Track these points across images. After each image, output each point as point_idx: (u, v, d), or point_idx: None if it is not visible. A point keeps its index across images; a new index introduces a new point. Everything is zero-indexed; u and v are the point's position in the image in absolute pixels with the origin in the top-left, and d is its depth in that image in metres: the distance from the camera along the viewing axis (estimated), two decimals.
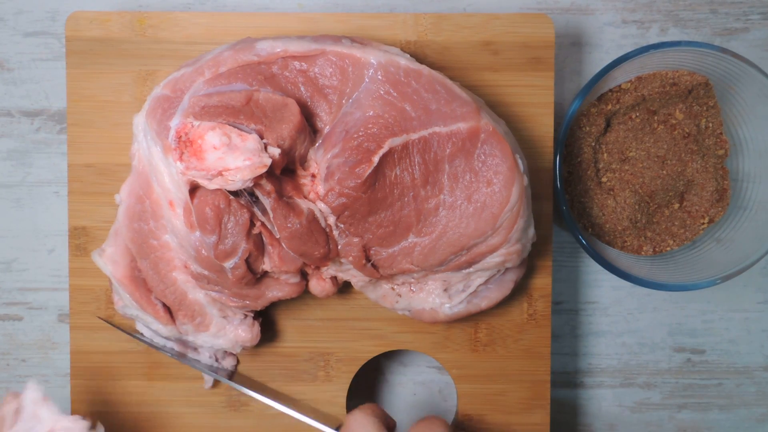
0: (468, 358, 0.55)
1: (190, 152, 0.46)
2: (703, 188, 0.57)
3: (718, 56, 0.53)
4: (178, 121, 0.47)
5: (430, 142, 0.47)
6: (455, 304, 0.51)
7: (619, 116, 0.57)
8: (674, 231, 0.58)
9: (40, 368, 0.60)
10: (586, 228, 0.58)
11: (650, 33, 0.59)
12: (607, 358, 0.61)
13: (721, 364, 0.61)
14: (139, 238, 0.50)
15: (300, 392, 0.55)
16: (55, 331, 0.60)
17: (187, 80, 0.47)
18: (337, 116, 0.48)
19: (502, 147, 0.47)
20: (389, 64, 0.47)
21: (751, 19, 0.59)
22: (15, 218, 0.59)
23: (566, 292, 0.60)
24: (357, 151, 0.47)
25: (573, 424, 0.61)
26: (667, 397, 0.61)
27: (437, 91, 0.47)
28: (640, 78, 0.56)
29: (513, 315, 0.55)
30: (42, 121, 0.59)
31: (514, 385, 0.55)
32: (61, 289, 0.59)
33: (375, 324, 0.55)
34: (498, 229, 0.48)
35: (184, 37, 0.53)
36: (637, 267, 0.56)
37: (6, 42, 0.58)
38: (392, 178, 0.48)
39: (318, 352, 0.55)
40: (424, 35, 0.53)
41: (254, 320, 0.52)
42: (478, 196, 0.48)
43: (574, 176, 0.57)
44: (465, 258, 0.49)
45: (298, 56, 0.47)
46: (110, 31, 0.53)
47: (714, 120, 0.57)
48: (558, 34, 0.58)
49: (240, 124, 0.46)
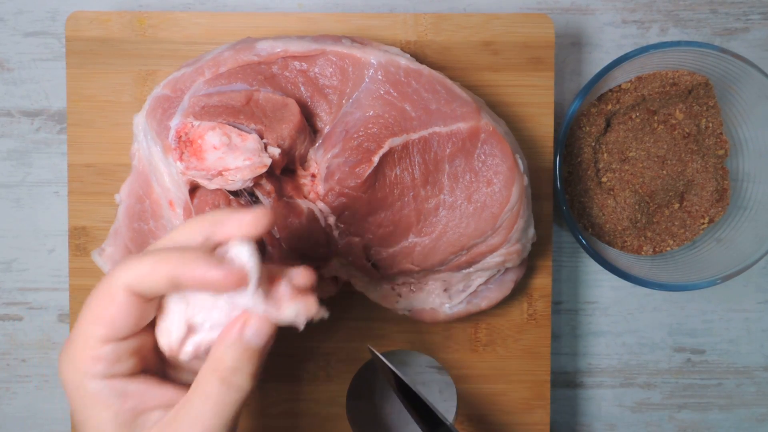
0: (468, 358, 0.55)
1: (190, 152, 0.46)
2: (703, 188, 0.57)
3: (718, 56, 0.53)
4: (178, 121, 0.47)
5: (430, 142, 0.47)
6: (455, 304, 0.51)
7: (619, 116, 0.57)
8: (674, 231, 0.58)
9: (40, 368, 0.60)
10: (586, 228, 0.58)
11: (650, 33, 0.59)
12: (607, 358, 0.61)
13: (721, 364, 0.61)
14: (139, 237, 0.50)
15: (300, 392, 0.55)
16: (55, 331, 0.60)
17: (187, 80, 0.47)
18: (337, 116, 0.48)
19: (502, 147, 0.47)
20: (389, 64, 0.47)
21: (751, 19, 0.59)
22: (15, 218, 0.59)
23: (566, 292, 0.60)
24: (357, 151, 0.47)
25: (573, 424, 0.61)
26: (667, 397, 0.61)
27: (437, 91, 0.47)
28: (640, 78, 0.56)
29: (513, 315, 0.55)
30: (42, 121, 0.59)
31: (514, 385, 0.55)
32: (61, 289, 0.59)
33: (375, 324, 0.55)
34: (498, 229, 0.48)
35: (184, 37, 0.53)
36: (637, 267, 0.56)
37: (6, 42, 0.58)
38: (392, 178, 0.48)
39: (318, 352, 0.55)
40: (424, 35, 0.53)
41: None
42: (478, 196, 0.48)
43: (574, 176, 0.57)
44: (465, 258, 0.49)
45: (299, 56, 0.47)
46: (110, 31, 0.53)
47: (714, 120, 0.57)
48: (558, 34, 0.58)
49: (240, 124, 0.46)
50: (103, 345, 0.34)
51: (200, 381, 0.35)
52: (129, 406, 0.35)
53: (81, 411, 0.35)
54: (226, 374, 0.34)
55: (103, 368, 0.34)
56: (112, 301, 0.34)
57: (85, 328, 0.34)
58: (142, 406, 0.35)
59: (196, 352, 0.36)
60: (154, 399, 0.35)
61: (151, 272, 0.34)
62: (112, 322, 0.34)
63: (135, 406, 0.35)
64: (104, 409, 0.34)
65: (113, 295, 0.34)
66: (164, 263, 0.34)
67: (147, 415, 0.35)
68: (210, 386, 0.34)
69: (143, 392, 0.35)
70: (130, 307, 0.34)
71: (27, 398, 0.60)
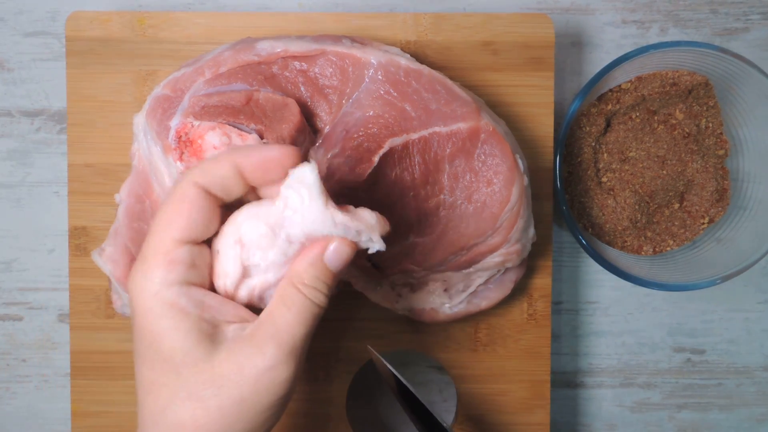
0: (468, 358, 0.55)
1: (190, 152, 0.46)
2: (703, 188, 0.57)
3: (718, 56, 0.53)
4: (178, 121, 0.47)
5: (431, 142, 0.47)
6: (455, 304, 0.51)
7: (619, 116, 0.57)
8: (674, 231, 0.58)
9: (40, 368, 0.60)
10: (586, 228, 0.58)
11: (650, 33, 0.59)
12: (607, 358, 0.61)
13: (721, 364, 0.61)
14: (139, 237, 0.50)
15: (300, 392, 0.55)
16: (55, 331, 0.60)
17: (187, 80, 0.47)
18: (337, 116, 0.48)
19: (502, 147, 0.47)
20: (389, 64, 0.47)
21: (751, 19, 0.59)
22: (15, 218, 0.59)
23: (566, 292, 0.60)
24: (357, 151, 0.47)
25: (573, 424, 0.61)
26: (667, 397, 0.61)
27: (437, 91, 0.47)
28: (640, 78, 0.56)
29: (513, 315, 0.55)
30: (42, 121, 0.59)
31: (514, 385, 0.55)
32: (61, 289, 0.59)
33: (375, 324, 0.55)
34: (498, 229, 0.48)
35: (184, 37, 0.53)
36: (637, 267, 0.56)
37: (6, 42, 0.58)
38: (392, 178, 0.48)
39: (318, 352, 0.55)
40: (424, 35, 0.53)
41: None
42: (479, 196, 0.48)
43: (574, 176, 0.57)
44: (465, 258, 0.49)
45: (299, 56, 0.47)
46: (110, 31, 0.53)
47: (714, 120, 0.57)
48: (558, 34, 0.58)
49: (240, 124, 0.46)
50: (179, 246, 0.35)
51: (282, 293, 0.36)
52: (209, 316, 0.35)
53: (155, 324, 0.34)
54: (306, 289, 0.36)
55: (181, 272, 0.34)
56: (184, 199, 0.35)
57: (158, 235, 0.35)
58: (220, 317, 0.35)
59: (251, 297, 0.37)
60: (231, 313, 0.36)
61: (216, 164, 0.35)
62: (187, 219, 0.35)
63: (213, 317, 0.35)
64: (183, 318, 0.34)
65: (185, 193, 0.35)
66: (226, 155, 0.36)
67: (224, 327, 0.35)
68: (294, 296, 0.35)
69: (220, 305, 0.35)
70: (202, 204, 0.35)
71: (27, 398, 0.60)
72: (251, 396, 0.34)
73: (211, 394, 0.34)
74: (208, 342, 0.34)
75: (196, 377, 0.34)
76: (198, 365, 0.34)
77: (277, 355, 0.34)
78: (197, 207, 0.35)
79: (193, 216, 0.35)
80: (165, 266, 0.34)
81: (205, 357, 0.34)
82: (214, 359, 0.34)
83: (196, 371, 0.34)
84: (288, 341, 0.35)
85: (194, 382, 0.34)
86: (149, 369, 0.35)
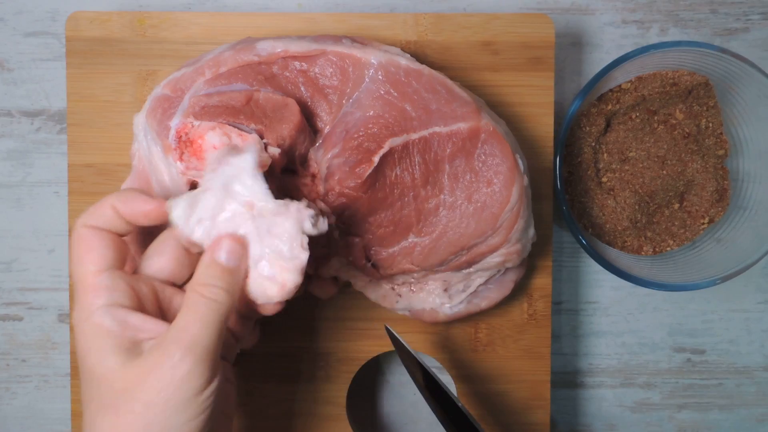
0: (468, 358, 0.55)
1: (190, 152, 0.46)
2: (703, 188, 0.57)
3: (718, 56, 0.53)
4: (179, 121, 0.47)
5: (431, 142, 0.47)
6: (455, 304, 0.51)
7: (619, 116, 0.57)
8: (674, 231, 0.58)
9: (40, 368, 0.60)
10: (586, 228, 0.58)
11: (650, 33, 0.59)
12: (607, 358, 0.61)
13: (721, 364, 0.61)
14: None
15: (300, 392, 0.55)
16: (55, 331, 0.60)
17: (187, 80, 0.47)
18: (337, 116, 0.48)
19: (502, 147, 0.47)
20: (389, 64, 0.47)
21: (751, 19, 0.59)
22: (15, 218, 0.59)
23: (566, 292, 0.60)
24: (357, 151, 0.47)
25: (573, 424, 0.61)
26: (667, 397, 0.61)
27: (437, 91, 0.47)
28: (640, 78, 0.56)
29: (513, 315, 0.55)
30: (42, 121, 0.59)
31: (514, 385, 0.55)
32: (61, 289, 0.59)
33: (375, 324, 0.55)
34: (498, 229, 0.48)
35: (184, 37, 0.53)
36: (637, 267, 0.56)
37: (6, 42, 0.58)
38: (392, 178, 0.48)
39: (318, 352, 0.55)
40: (424, 35, 0.53)
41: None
42: (479, 196, 0.48)
43: (574, 176, 0.57)
44: (465, 258, 0.49)
45: (299, 56, 0.47)
46: (110, 31, 0.53)
47: (714, 120, 0.57)
48: (558, 34, 0.58)
49: (240, 124, 0.46)
50: (97, 276, 0.38)
51: (186, 301, 0.39)
52: (129, 334, 0.38)
53: (86, 343, 0.38)
54: (203, 289, 0.39)
55: (104, 296, 0.38)
56: (81, 240, 0.39)
57: (77, 271, 0.39)
58: (140, 335, 0.38)
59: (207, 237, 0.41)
60: (151, 330, 0.38)
61: (98, 207, 0.40)
62: (90, 253, 0.39)
63: (134, 335, 0.38)
64: (106, 336, 0.37)
65: (79, 234, 0.39)
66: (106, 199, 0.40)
67: (145, 343, 0.38)
68: (192, 300, 0.39)
69: (142, 323, 0.38)
70: (100, 238, 0.39)
71: (27, 398, 0.60)
72: (163, 400, 0.37)
73: (122, 402, 0.37)
74: (125, 356, 0.37)
75: (111, 387, 0.37)
76: (113, 377, 0.37)
77: (183, 356, 0.37)
78: (96, 242, 0.39)
79: (95, 250, 0.39)
80: (90, 294, 0.38)
81: (120, 369, 0.37)
82: (128, 370, 0.37)
83: (112, 382, 0.37)
84: (193, 342, 0.37)
85: (110, 392, 0.37)
86: (84, 387, 0.39)
